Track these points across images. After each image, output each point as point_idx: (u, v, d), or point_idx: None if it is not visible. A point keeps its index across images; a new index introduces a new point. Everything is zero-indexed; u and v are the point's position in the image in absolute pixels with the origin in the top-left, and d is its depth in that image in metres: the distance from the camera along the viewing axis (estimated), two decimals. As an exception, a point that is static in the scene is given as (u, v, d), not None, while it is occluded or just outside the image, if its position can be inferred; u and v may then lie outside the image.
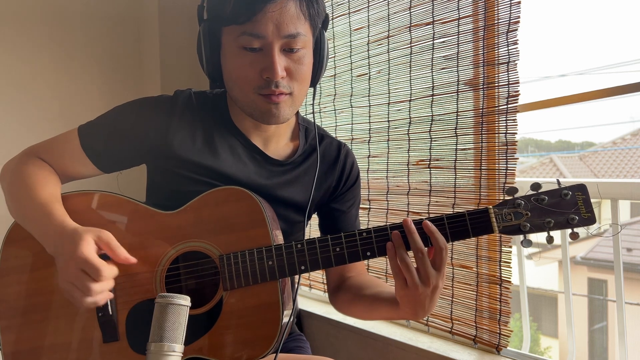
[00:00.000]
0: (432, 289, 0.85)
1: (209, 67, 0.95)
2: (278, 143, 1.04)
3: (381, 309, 0.97)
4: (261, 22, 0.87)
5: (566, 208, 0.87)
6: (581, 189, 0.88)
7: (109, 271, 0.83)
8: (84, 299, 0.82)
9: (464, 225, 0.87)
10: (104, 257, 0.86)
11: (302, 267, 0.90)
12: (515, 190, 0.89)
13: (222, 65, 0.95)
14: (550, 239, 0.89)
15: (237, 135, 1.01)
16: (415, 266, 0.85)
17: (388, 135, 1.65)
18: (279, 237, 0.96)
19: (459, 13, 1.42)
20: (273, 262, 0.90)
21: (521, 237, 0.90)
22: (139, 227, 0.95)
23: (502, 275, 1.40)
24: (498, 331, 1.41)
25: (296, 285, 1.00)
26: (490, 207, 0.88)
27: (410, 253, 0.86)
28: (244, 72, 0.91)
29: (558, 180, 0.89)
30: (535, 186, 0.89)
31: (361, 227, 1.04)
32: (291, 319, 0.96)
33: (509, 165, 1.35)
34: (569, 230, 0.88)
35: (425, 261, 0.84)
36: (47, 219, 0.90)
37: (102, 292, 0.83)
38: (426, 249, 0.86)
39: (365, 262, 1.36)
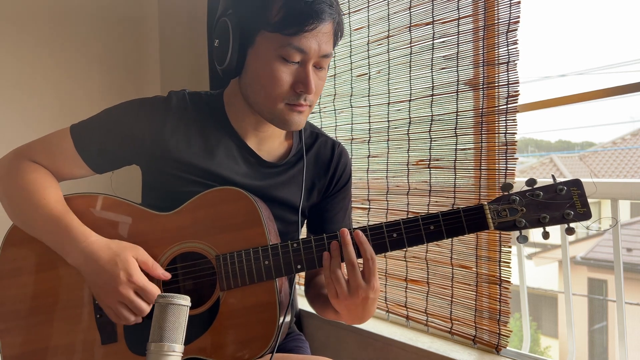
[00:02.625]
0: (362, 300, 0.87)
1: (231, 63, 0.92)
2: (273, 143, 1.04)
3: (329, 311, 1.00)
4: (308, 38, 0.88)
5: (561, 203, 0.87)
6: (576, 184, 0.88)
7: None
8: (132, 317, 0.87)
9: (459, 221, 0.88)
10: None
11: (299, 266, 0.90)
12: (510, 186, 0.89)
13: (249, 66, 0.93)
14: (546, 235, 0.89)
15: (232, 136, 1.01)
16: (346, 278, 0.87)
17: (388, 135, 1.65)
18: (275, 237, 0.96)
19: (459, 13, 1.42)
20: (269, 262, 0.90)
21: (517, 233, 0.90)
22: (135, 229, 0.95)
23: (502, 275, 1.39)
24: (498, 331, 1.41)
25: (293, 284, 1.00)
26: (485, 203, 0.88)
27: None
28: (278, 82, 0.90)
29: (553, 176, 0.89)
30: (530, 182, 0.89)
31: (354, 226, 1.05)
32: (288, 319, 0.96)
33: (508, 165, 1.35)
34: (565, 226, 0.88)
35: (355, 273, 0.86)
36: (66, 233, 0.91)
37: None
38: (359, 260, 0.87)
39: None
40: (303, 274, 1.15)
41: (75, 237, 0.90)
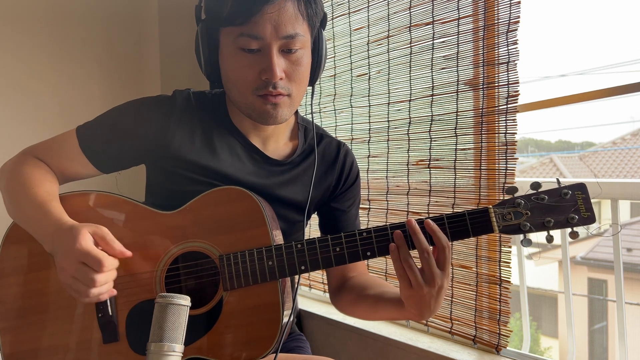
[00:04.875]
0: (438, 289, 0.84)
1: (207, 68, 0.95)
2: (277, 143, 1.04)
3: (385, 310, 0.97)
4: (259, 23, 0.87)
5: (566, 207, 0.87)
6: (581, 188, 0.87)
7: (110, 261, 0.83)
8: (89, 291, 0.81)
9: (464, 225, 0.87)
10: None
11: (302, 267, 0.90)
12: (515, 189, 0.88)
13: (220, 66, 0.95)
14: (550, 238, 0.88)
15: (236, 135, 1.01)
16: (419, 266, 0.85)
17: (388, 135, 1.65)
18: (278, 237, 0.96)
19: (459, 13, 1.42)
20: (273, 262, 0.90)
21: (521, 236, 0.90)
22: (138, 227, 0.95)
23: (502, 275, 1.40)
24: (498, 331, 1.41)
25: (296, 285, 1.00)
26: (490, 206, 0.88)
27: (414, 253, 0.86)
28: (242, 74, 0.91)
29: (558, 180, 0.89)
30: (535, 185, 0.88)
31: (361, 227, 1.04)
32: (291, 319, 0.96)
33: (508, 165, 1.35)
34: (569, 230, 0.88)
35: (430, 261, 0.83)
36: (45, 218, 0.89)
37: (105, 282, 0.82)
38: (431, 248, 0.85)
39: (365, 262, 1.37)
40: (303, 274, 1.15)
41: (50, 222, 0.88)
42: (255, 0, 0.86)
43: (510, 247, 1.38)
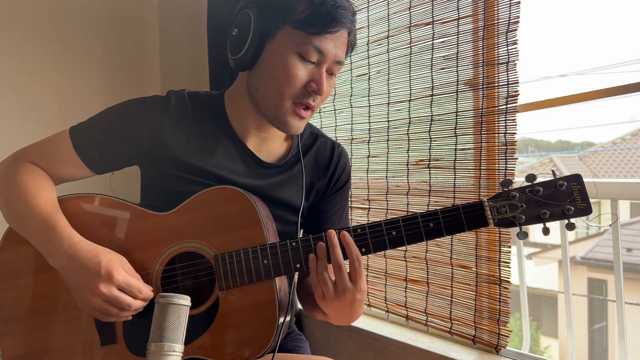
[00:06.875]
0: (349, 302, 0.87)
1: (247, 54, 0.93)
2: (274, 143, 1.04)
3: (318, 312, 1.00)
4: (329, 40, 0.90)
5: (562, 199, 0.86)
6: (577, 179, 0.87)
7: (148, 288, 0.89)
8: (121, 313, 0.87)
9: (458, 218, 0.88)
10: None
11: (298, 265, 0.90)
12: (510, 182, 0.88)
13: (264, 59, 0.93)
14: (546, 230, 0.88)
15: (230, 136, 1.01)
16: (333, 279, 0.87)
17: (388, 135, 1.65)
18: (273, 236, 0.96)
19: (458, 13, 1.42)
20: (268, 261, 0.90)
21: (517, 229, 0.89)
22: (133, 229, 0.95)
23: (502, 275, 1.40)
24: (497, 331, 1.41)
25: (293, 284, 1.00)
26: (485, 199, 0.88)
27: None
28: (292, 78, 0.91)
29: (553, 171, 0.89)
30: (530, 177, 0.88)
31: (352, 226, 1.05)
32: (289, 318, 0.96)
33: (508, 165, 1.35)
34: (566, 221, 0.87)
35: (342, 275, 0.86)
36: (52, 234, 0.90)
37: (142, 306, 0.88)
38: (346, 262, 0.87)
39: (366, 262, 1.36)
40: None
41: (60, 237, 0.89)
42: (336, 19, 0.89)
43: (510, 247, 1.38)
